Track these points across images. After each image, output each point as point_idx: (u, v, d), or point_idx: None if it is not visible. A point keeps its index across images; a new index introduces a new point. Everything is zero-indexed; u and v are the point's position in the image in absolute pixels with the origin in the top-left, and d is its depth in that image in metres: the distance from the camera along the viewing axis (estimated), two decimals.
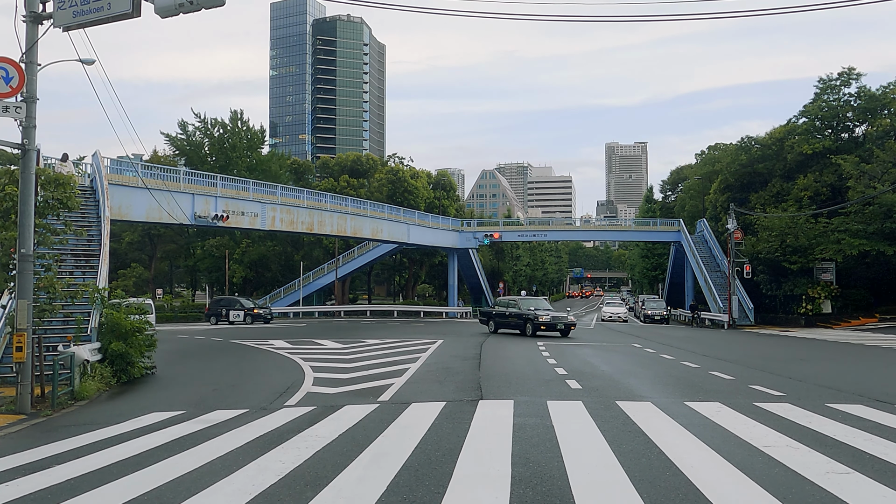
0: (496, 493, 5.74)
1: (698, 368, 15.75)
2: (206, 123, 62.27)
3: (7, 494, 6.13)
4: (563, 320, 27.30)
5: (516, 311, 28.17)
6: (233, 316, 41.41)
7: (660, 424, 8.75)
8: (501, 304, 30.43)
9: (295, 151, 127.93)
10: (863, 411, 9.72)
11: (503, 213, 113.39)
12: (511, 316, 28.42)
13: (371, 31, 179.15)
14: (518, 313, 27.91)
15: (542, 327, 26.57)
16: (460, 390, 12.12)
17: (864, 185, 38.27)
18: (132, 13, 10.68)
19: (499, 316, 29.42)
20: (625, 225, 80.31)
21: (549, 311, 27.78)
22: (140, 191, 28.06)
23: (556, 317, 27.32)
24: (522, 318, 27.48)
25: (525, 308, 27.92)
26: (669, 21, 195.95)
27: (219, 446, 7.84)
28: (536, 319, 26.65)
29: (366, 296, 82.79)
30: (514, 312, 28.26)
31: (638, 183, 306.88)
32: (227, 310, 42.03)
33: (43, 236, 14.76)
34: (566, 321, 27.37)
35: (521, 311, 27.74)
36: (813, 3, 14.62)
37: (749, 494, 5.71)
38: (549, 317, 26.94)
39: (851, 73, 44.95)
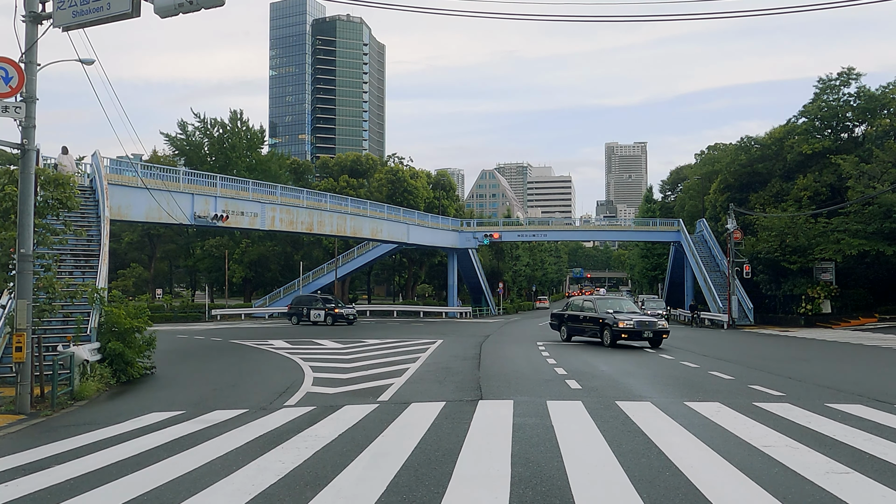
0: (496, 493, 5.75)
1: (698, 368, 15.75)
2: (205, 123, 62.29)
3: (7, 494, 6.13)
4: (652, 327, 21.33)
5: (592, 314, 23.02)
6: (314, 316, 39.30)
7: (659, 424, 8.75)
8: (575, 306, 24.93)
9: (294, 151, 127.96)
10: (862, 411, 9.72)
11: (503, 213, 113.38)
12: (586, 320, 23.25)
13: (371, 31, 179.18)
14: (594, 317, 22.76)
15: (624, 335, 21.21)
16: (460, 390, 12.12)
17: (863, 185, 38.28)
18: (132, 13, 10.68)
19: (572, 320, 24.26)
20: (624, 225, 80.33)
21: (634, 315, 22.31)
22: (140, 191, 28.05)
23: (643, 322, 21.43)
24: (599, 324, 22.30)
25: (602, 310, 22.63)
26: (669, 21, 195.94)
27: (219, 446, 7.84)
28: (616, 325, 21.22)
29: (365, 296, 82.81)
30: (589, 316, 23.13)
31: (638, 183, 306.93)
32: (308, 309, 39.98)
33: (42, 236, 14.76)
34: (656, 328, 21.35)
35: (598, 315, 22.55)
36: (813, 3, 14.62)
37: (749, 494, 5.71)
38: (632, 322, 21.22)
39: (851, 73, 44.97)
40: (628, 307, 23.62)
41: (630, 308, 23.59)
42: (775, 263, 40.66)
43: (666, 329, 21.78)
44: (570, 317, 24.52)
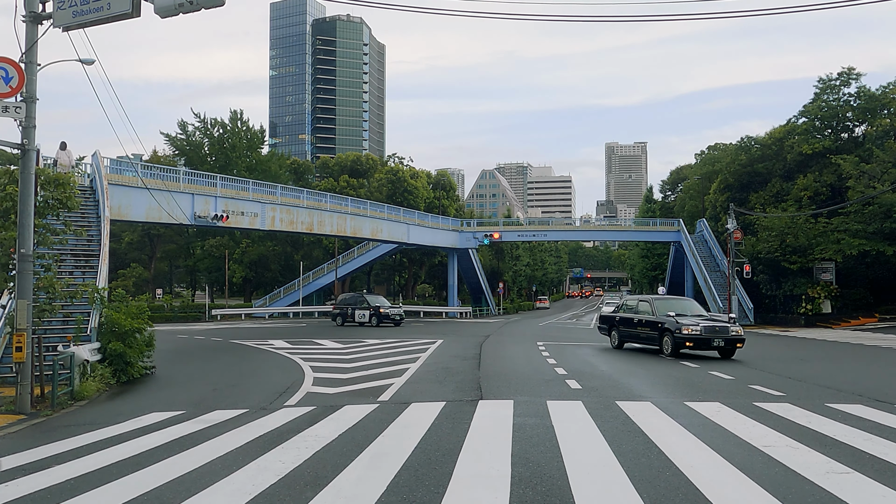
0: (496, 493, 5.75)
1: (698, 368, 15.75)
2: (205, 123, 62.32)
3: (7, 494, 6.13)
4: (724, 333, 17.71)
5: (648, 317, 19.49)
6: (358, 316, 36.92)
7: (659, 424, 8.75)
8: (629, 307, 21.27)
9: (295, 151, 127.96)
10: (863, 411, 9.72)
11: (503, 213, 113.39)
12: (641, 325, 19.76)
13: (371, 31, 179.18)
14: (651, 321, 19.27)
15: (688, 344, 17.70)
16: (460, 390, 12.12)
17: (863, 185, 38.29)
18: (132, 13, 10.68)
19: (625, 324, 20.82)
20: (624, 225, 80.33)
21: (701, 319, 18.51)
22: (140, 191, 28.06)
23: (713, 327, 17.74)
24: (657, 329, 18.80)
25: (661, 313, 19.06)
26: (669, 21, 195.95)
27: (219, 446, 7.84)
28: (679, 331, 17.78)
29: None
30: (645, 320, 19.59)
31: (638, 183, 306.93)
32: (352, 309, 37.51)
33: (43, 236, 14.77)
34: (728, 334, 17.74)
35: (656, 318, 19.04)
36: (813, 3, 14.62)
37: (749, 494, 5.71)
38: (698, 327, 17.61)
39: (851, 73, 44.97)
40: (693, 309, 19.86)
41: (695, 310, 19.88)
42: (775, 263, 40.67)
43: (740, 336, 17.93)
44: (622, 320, 21.01)
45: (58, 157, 22.27)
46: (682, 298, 24.29)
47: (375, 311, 36.93)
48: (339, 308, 39.00)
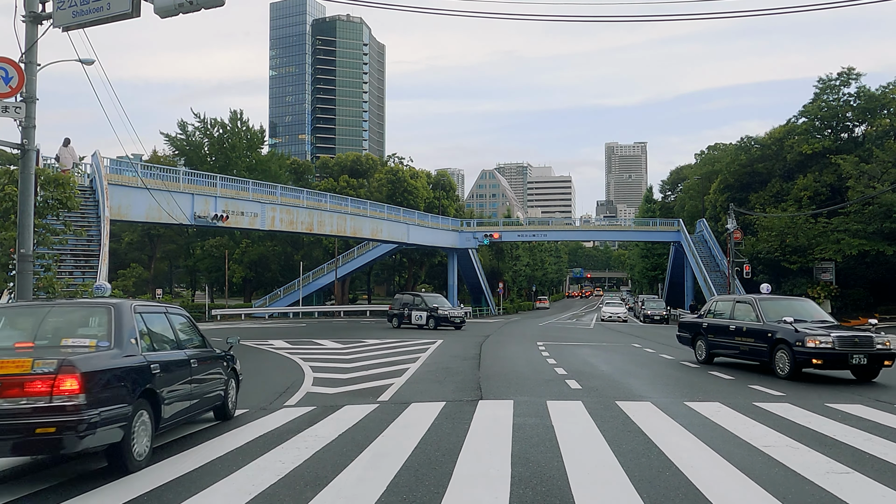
0: (496, 493, 5.74)
1: (698, 368, 15.74)
2: (205, 123, 62.34)
3: (7, 494, 6.13)
4: (865, 346, 12.99)
5: (753, 323, 14.69)
6: (415, 318, 33.92)
7: (659, 424, 8.75)
8: (721, 312, 16.28)
9: (294, 151, 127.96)
10: (863, 411, 9.73)
11: (503, 213, 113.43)
12: (742, 333, 14.94)
13: (371, 32, 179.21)
14: (756, 329, 14.47)
15: (815, 361, 13.07)
16: (460, 390, 12.12)
17: (863, 185, 38.30)
18: (132, 13, 10.69)
19: (716, 332, 15.99)
20: (624, 225, 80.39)
21: (832, 328, 13.92)
22: (140, 191, 28.07)
23: (850, 339, 13.04)
24: (768, 340, 14.01)
25: (772, 318, 14.33)
26: (669, 21, 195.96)
27: (218, 446, 7.83)
28: (801, 344, 13.16)
29: (365, 296, 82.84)
30: (747, 327, 14.79)
31: (638, 183, 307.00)
32: (409, 310, 34.53)
33: (43, 236, 14.78)
34: (872, 348, 13.04)
35: (764, 326, 14.28)
36: (813, 3, 14.63)
37: (749, 494, 5.71)
38: (830, 339, 13.00)
39: (851, 73, 45.00)
40: (812, 312, 15.20)
41: (815, 314, 15.18)
42: (775, 263, 40.68)
43: (889, 351, 13.20)
44: (712, 328, 16.23)
45: (60, 153, 22.27)
46: (795, 299, 18.07)
47: (433, 313, 33.69)
48: (396, 309, 35.81)
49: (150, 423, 6.83)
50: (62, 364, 5.78)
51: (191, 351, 8.36)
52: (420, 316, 33.74)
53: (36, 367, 5.73)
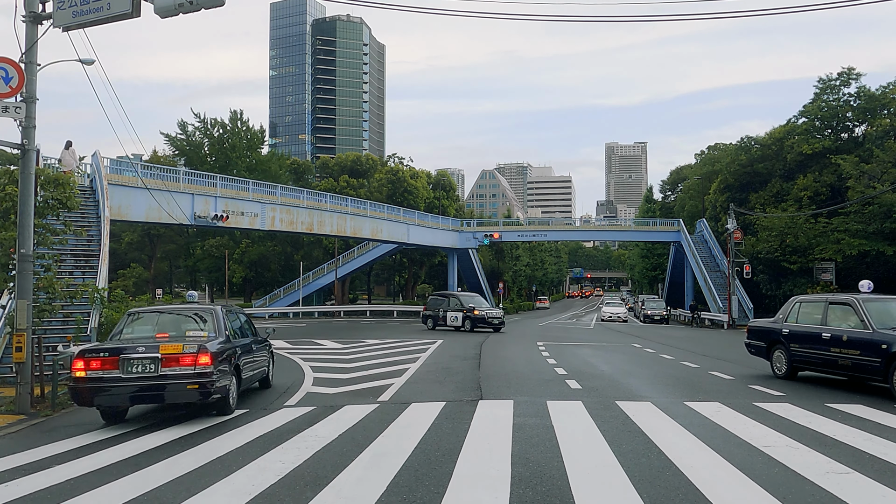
0: (496, 493, 5.75)
1: (698, 368, 15.75)
2: (205, 123, 62.36)
3: (7, 494, 6.13)
4: None
5: (856, 331, 11.74)
6: (450, 319, 31.71)
7: (659, 424, 8.75)
8: (809, 315, 13.28)
9: (295, 151, 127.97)
10: (863, 411, 9.72)
11: (503, 213, 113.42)
12: (841, 344, 11.96)
13: (371, 32, 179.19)
14: (866, 339, 11.41)
15: None
16: (460, 390, 12.12)
17: (863, 185, 38.29)
18: (132, 13, 10.68)
19: (802, 340, 13.05)
20: (624, 225, 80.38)
21: None
22: (140, 191, 28.06)
23: None
24: (884, 353, 10.97)
25: (886, 323, 11.46)
26: (669, 21, 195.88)
27: (218, 446, 7.84)
28: None
29: (366, 296, 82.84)
30: (848, 336, 11.82)
31: (638, 183, 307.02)
32: (444, 311, 32.38)
33: (42, 236, 14.77)
34: None
35: (877, 336, 11.21)
36: (813, 3, 14.63)
37: (749, 494, 5.71)
38: None
39: (851, 73, 44.98)
40: None
41: None
42: (775, 263, 40.68)
43: None
44: (797, 336, 13.25)
45: (62, 155, 22.45)
46: None
47: (469, 313, 31.13)
48: (431, 309, 33.61)
49: (236, 385, 10.27)
50: (200, 348, 9.23)
51: (251, 338, 11.82)
52: (455, 317, 31.46)
53: (185, 349, 9.16)
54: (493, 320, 30.98)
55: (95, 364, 9.14)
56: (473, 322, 30.78)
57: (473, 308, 31.31)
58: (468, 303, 31.97)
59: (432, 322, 32.98)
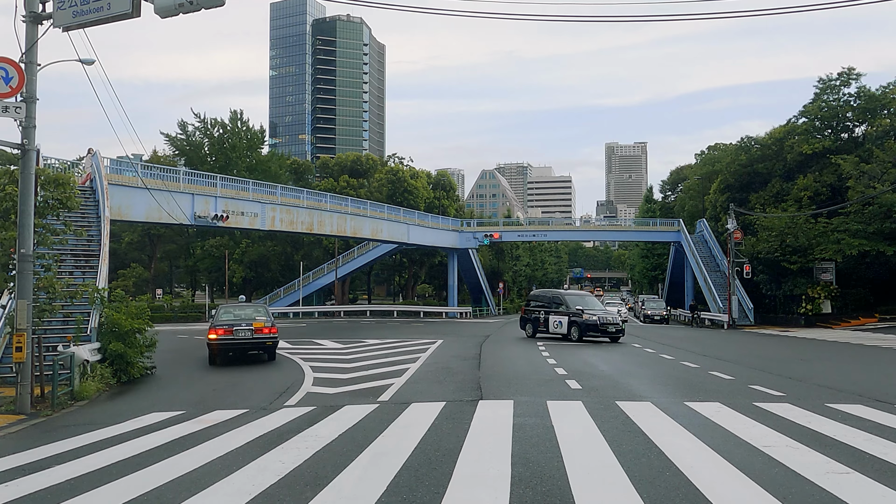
0: (496, 493, 5.75)
1: (698, 368, 15.75)
2: (205, 123, 62.32)
3: (7, 494, 6.13)
4: None
5: None
6: (552, 324, 25.54)
7: (660, 424, 8.75)
8: None
9: (295, 151, 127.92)
10: (863, 411, 9.72)
11: (503, 213, 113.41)
12: None
13: (371, 32, 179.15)
14: None
15: None
16: (460, 390, 12.12)
17: (863, 185, 38.28)
18: (132, 13, 10.69)
19: None
20: (625, 225, 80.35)
21: None
22: (140, 191, 28.05)
23: None
24: None
25: None
26: (669, 21, 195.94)
27: (219, 446, 7.84)
28: None
29: (366, 296, 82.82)
30: None
31: (638, 183, 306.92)
32: (546, 312, 26.10)
33: (43, 236, 14.77)
34: None
35: None
36: (813, 3, 14.63)
37: (749, 494, 5.71)
38: None
39: (851, 73, 44.97)
40: None
41: None
42: (775, 263, 40.66)
43: None
44: None
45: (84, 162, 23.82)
46: None
47: (575, 318, 24.61)
48: (530, 311, 27.45)
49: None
50: (271, 324, 18.42)
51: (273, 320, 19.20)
52: (559, 322, 25.17)
53: (264, 325, 18.17)
54: (608, 328, 24.41)
55: (221, 332, 17.51)
56: (582, 329, 24.39)
57: (582, 311, 24.64)
58: (575, 303, 25.28)
59: (531, 328, 26.87)
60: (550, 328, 25.67)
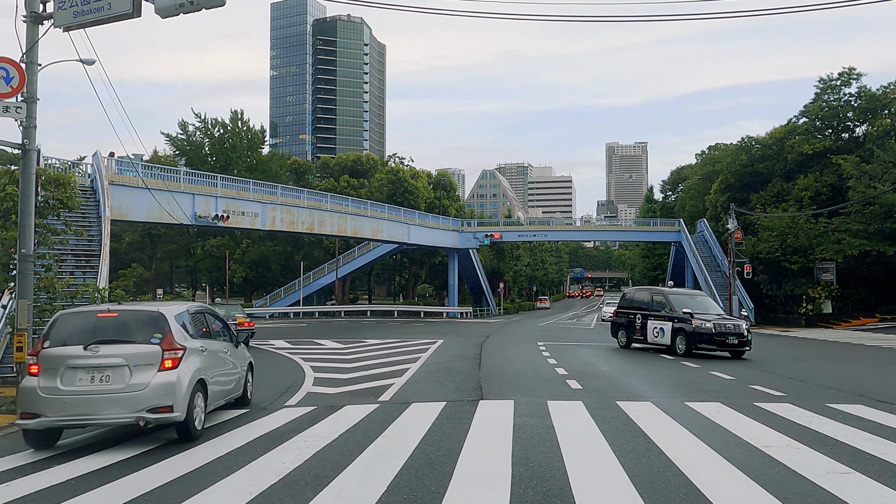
0: (496, 493, 5.74)
1: (698, 368, 15.74)
2: (206, 123, 62.36)
3: (7, 494, 6.13)
4: None
5: None
6: (652, 332, 20.08)
7: (660, 424, 8.75)
8: None
9: (295, 151, 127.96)
10: (863, 411, 9.72)
11: (503, 213, 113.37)
12: None
13: (371, 32, 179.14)
14: None
15: None
16: (460, 390, 12.12)
17: (864, 185, 38.27)
18: (132, 13, 10.68)
19: None
20: (625, 225, 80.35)
21: None
22: (140, 191, 28.05)
23: None
24: None
25: None
26: (669, 21, 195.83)
27: (219, 446, 7.84)
28: None
29: (366, 296, 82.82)
30: None
31: (638, 183, 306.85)
32: (644, 316, 20.60)
33: (43, 236, 14.77)
34: None
35: None
36: (813, 3, 14.62)
37: (749, 494, 5.71)
38: None
39: (852, 73, 44.96)
40: None
41: None
42: (776, 263, 40.66)
43: None
44: None
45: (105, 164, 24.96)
46: None
47: (682, 324, 18.93)
48: (624, 314, 22.15)
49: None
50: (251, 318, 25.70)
51: None
52: (660, 329, 19.75)
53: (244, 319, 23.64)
54: (727, 338, 18.36)
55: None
56: (691, 339, 18.64)
57: (690, 316, 18.90)
58: (682, 305, 19.57)
59: (625, 336, 21.83)
60: (649, 336, 20.31)
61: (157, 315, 8.34)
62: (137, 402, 7.72)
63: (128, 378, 7.78)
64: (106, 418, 7.85)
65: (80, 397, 7.72)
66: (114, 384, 7.75)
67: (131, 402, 7.72)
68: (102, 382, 7.76)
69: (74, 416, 7.75)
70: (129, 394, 7.74)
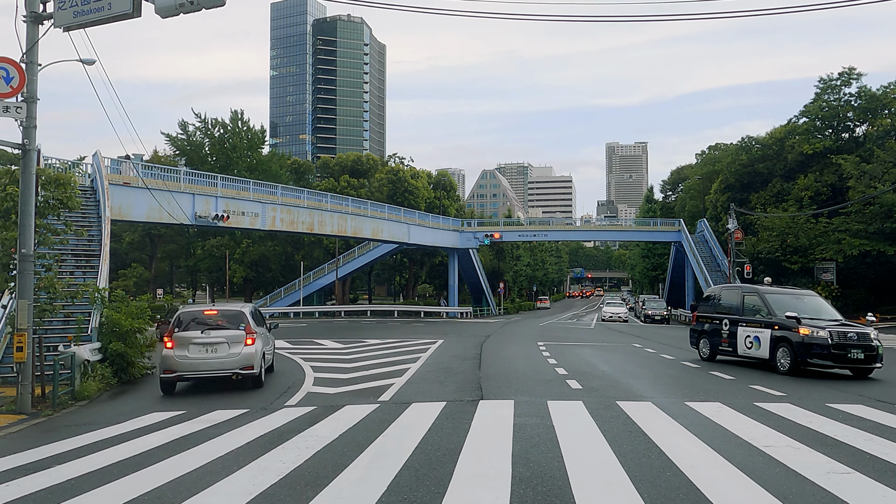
0: (497, 493, 5.74)
1: (698, 368, 15.74)
2: (206, 123, 62.32)
3: (7, 494, 6.14)
4: None
5: None
6: (743, 340, 15.86)
7: (660, 424, 8.75)
8: None
9: (295, 151, 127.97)
10: (863, 411, 9.72)
11: (503, 213, 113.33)
12: None
13: (371, 32, 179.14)
14: None
15: None
16: (461, 390, 12.12)
17: (864, 185, 38.28)
18: (132, 13, 10.69)
19: None
20: (625, 225, 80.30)
21: None
22: (140, 191, 28.05)
23: None
24: None
25: None
26: (669, 21, 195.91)
27: (219, 446, 7.84)
28: None
29: (366, 296, 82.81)
30: None
31: (638, 183, 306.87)
32: (733, 322, 16.30)
33: (43, 236, 14.78)
34: None
35: None
36: (813, 3, 14.62)
37: (749, 494, 5.71)
38: None
39: (852, 72, 44.99)
40: None
41: None
42: (776, 263, 40.67)
43: None
44: None
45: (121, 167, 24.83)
46: None
47: (785, 331, 14.66)
48: (706, 319, 17.77)
49: None
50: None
51: None
52: (754, 338, 15.57)
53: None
54: (849, 352, 13.94)
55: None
56: (798, 352, 14.27)
57: (797, 320, 14.59)
58: (783, 306, 15.37)
59: (707, 346, 17.51)
60: (740, 348, 16.05)
61: (239, 312, 13.36)
62: (233, 364, 12.56)
63: (227, 350, 12.57)
64: (215, 373, 12.59)
65: (200, 360, 12.53)
66: (219, 354, 12.52)
67: (229, 364, 12.54)
68: (211, 353, 12.53)
69: (197, 371, 12.63)
70: (228, 359, 12.58)
